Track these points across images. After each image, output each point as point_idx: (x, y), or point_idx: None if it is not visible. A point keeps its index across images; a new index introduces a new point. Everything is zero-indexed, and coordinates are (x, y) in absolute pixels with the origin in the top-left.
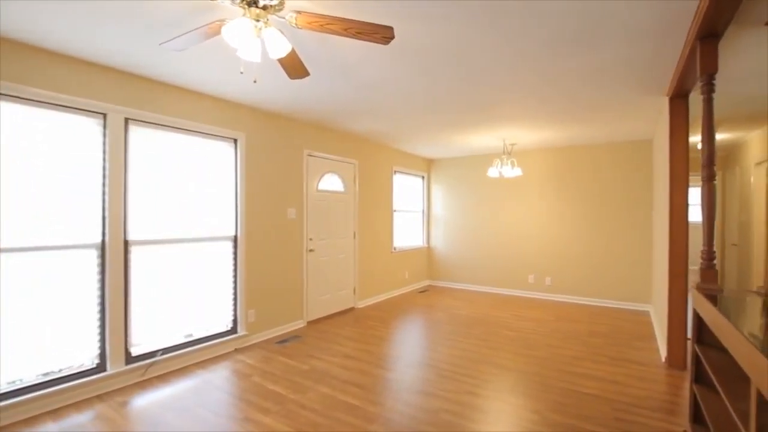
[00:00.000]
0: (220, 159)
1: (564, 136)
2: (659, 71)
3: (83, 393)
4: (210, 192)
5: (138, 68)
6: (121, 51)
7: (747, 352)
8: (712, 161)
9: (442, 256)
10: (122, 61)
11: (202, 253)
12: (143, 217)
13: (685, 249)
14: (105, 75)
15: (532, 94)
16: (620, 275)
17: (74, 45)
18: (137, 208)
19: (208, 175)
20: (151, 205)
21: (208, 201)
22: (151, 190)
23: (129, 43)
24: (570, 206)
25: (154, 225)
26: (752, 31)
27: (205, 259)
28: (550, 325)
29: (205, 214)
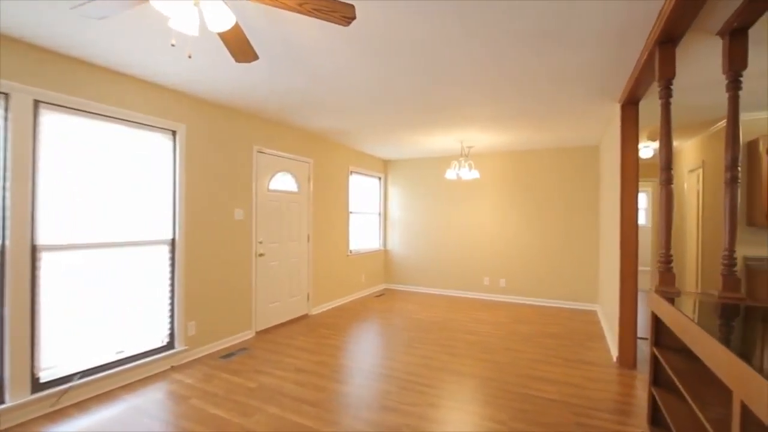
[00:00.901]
0: (155, 153)
1: (519, 140)
2: (616, 76)
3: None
4: (143, 190)
5: (52, 41)
6: (31, 20)
7: (729, 362)
8: (670, 165)
9: (399, 259)
10: (31, 33)
11: (133, 260)
12: (59, 218)
13: (635, 251)
14: (9, 48)
15: (493, 95)
16: (569, 276)
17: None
18: (51, 208)
19: (141, 171)
20: (69, 204)
21: (141, 200)
22: (69, 186)
23: (40, 10)
24: (523, 209)
25: (74, 227)
26: (700, 41)
27: (137, 266)
28: (507, 327)
29: (136, 214)
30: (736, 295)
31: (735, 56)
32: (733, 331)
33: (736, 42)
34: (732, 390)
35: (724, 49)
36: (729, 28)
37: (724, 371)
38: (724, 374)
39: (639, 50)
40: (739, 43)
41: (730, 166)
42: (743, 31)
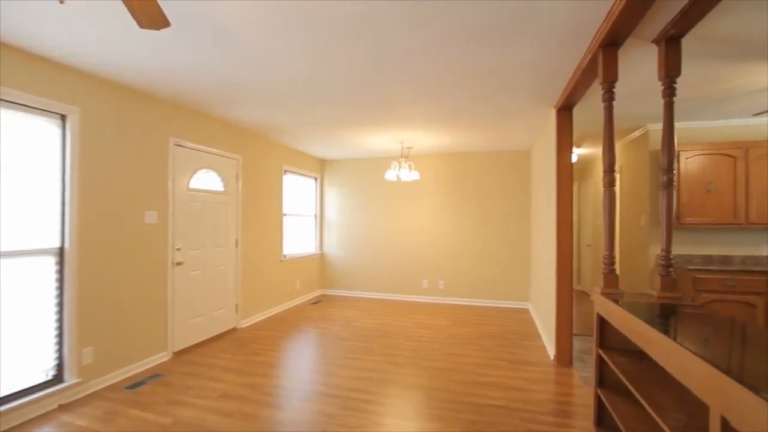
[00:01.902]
0: (36, 141)
1: (458, 142)
2: (557, 79)
3: None
4: (19, 187)
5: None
6: None
7: (707, 376)
8: (613, 168)
9: (337, 263)
10: None
11: (3, 275)
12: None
13: (570, 253)
14: None
15: (439, 93)
16: (503, 276)
17: None
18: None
19: (14, 163)
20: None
21: (15, 200)
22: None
23: None
24: (461, 210)
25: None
26: (635, 48)
27: (9, 283)
28: (447, 330)
29: (8, 218)
30: (674, 294)
31: (670, 64)
32: (704, 341)
33: (671, 50)
34: (708, 404)
35: (660, 57)
36: (665, 36)
37: (698, 384)
38: (698, 387)
39: (582, 52)
40: (673, 51)
41: (667, 170)
42: (677, 39)
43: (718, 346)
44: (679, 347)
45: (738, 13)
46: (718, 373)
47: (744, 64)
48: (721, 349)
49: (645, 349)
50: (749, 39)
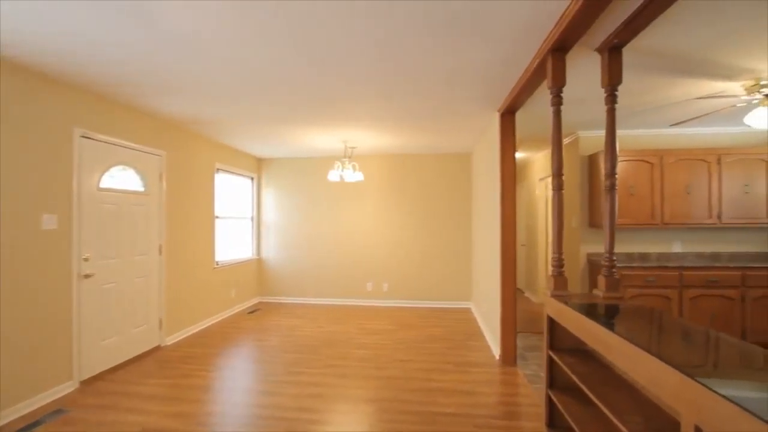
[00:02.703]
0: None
1: (401, 143)
2: (504, 83)
3: None
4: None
5: None
6: None
7: (679, 385)
8: (561, 171)
9: (276, 268)
10: None
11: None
12: None
13: (514, 254)
14: None
15: (384, 91)
16: (445, 277)
17: None
18: None
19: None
20: None
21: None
22: None
23: None
24: (405, 212)
25: None
26: (572, 57)
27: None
28: (394, 335)
29: None
30: (617, 294)
31: (613, 72)
32: (669, 346)
33: (614, 59)
34: (680, 413)
35: (603, 65)
36: (608, 45)
37: (669, 393)
38: (669, 396)
39: (532, 55)
40: (616, 59)
41: (610, 175)
42: (619, 49)
43: (686, 354)
44: (648, 356)
45: (664, 29)
46: (692, 383)
47: (665, 79)
48: (690, 356)
49: (606, 355)
50: (671, 55)
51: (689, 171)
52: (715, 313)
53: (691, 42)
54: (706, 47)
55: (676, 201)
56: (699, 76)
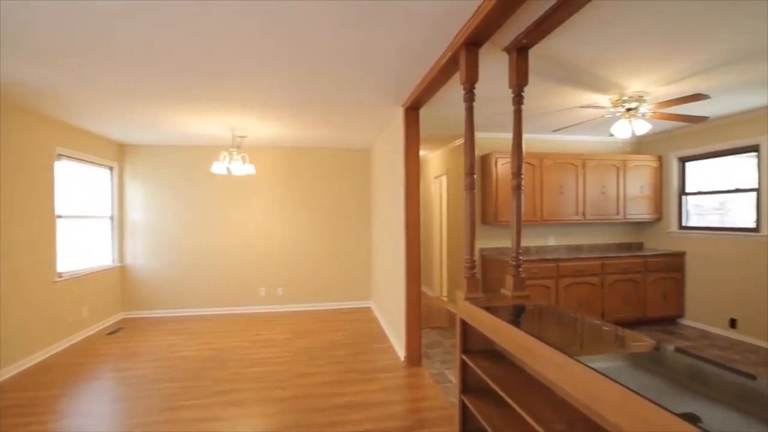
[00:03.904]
0: None
1: (297, 134)
2: (412, 75)
3: None
4: None
5: None
6: None
7: (620, 399)
8: (473, 170)
9: (146, 277)
10: None
11: None
12: None
13: (419, 253)
14: None
15: (281, 76)
16: (345, 276)
17: None
18: None
19: None
20: None
21: None
22: None
23: None
24: (301, 210)
25: None
26: (485, 55)
27: None
28: (293, 345)
29: None
30: (524, 293)
31: (521, 72)
32: (605, 357)
33: (522, 59)
34: (623, 429)
35: (511, 65)
36: (517, 45)
37: (610, 408)
38: (610, 412)
39: (444, 47)
40: (523, 60)
41: (516, 174)
42: (526, 50)
43: (626, 368)
44: (586, 369)
45: (560, 38)
46: (638, 399)
47: (555, 86)
48: (630, 370)
49: (532, 364)
50: (563, 63)
51: (562, 173)
52: (582, 298)
53: (580, 53)
54: (590, 59)
55: (552, 200)
56: (581, 86)
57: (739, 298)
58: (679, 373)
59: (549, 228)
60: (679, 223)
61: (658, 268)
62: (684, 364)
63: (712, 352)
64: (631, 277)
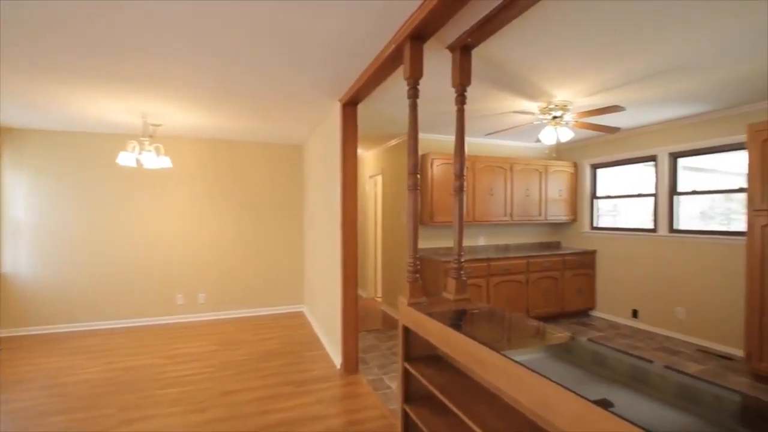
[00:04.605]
0: None
1: (222, 126)
2: (352, 67)
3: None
4: None
5: None
6: None
7: (580, 413)
8: (416, 170)
9: (30, 287)
10: None
11: None
12: None
13: (356, 256)
14: None
15: (207, 55)
16: (275, 280)
17: None
18: None
19: None
20: None
21: None
22: None
23: None
24: (226, 208)
25: None
26: (426, 52)
27: None
28: (217, 357)
29: None
30: (465, 296)
31: (464, 72)
32: (567, 371)
33: (465, 59)
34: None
35: (454, 64)
36: (460, 44)
37: (568, 421)
38: (568, 424)
39: (388, 38)
40: (466, 60)
41: (458, 176)
42: (469, 50)
43: (586, 378)
44: (545, 381)
45: (501, 41)
46: (603, 413)
47: (491, 90)
48: (591, 380)
49: (483, 373)
50: (501, 67)
51: (492, 176)
52: (510, 295)
53: (518, 57)
54: (527, 66)
55: (483, 201)
56: (515, 92)
57: (640, 291)
58: (622, 373)
59: (480, 228)
60: (591, 224)
61: (574, 265)
62: (627, 363)
63: (620, 341)
64: (552, 275)
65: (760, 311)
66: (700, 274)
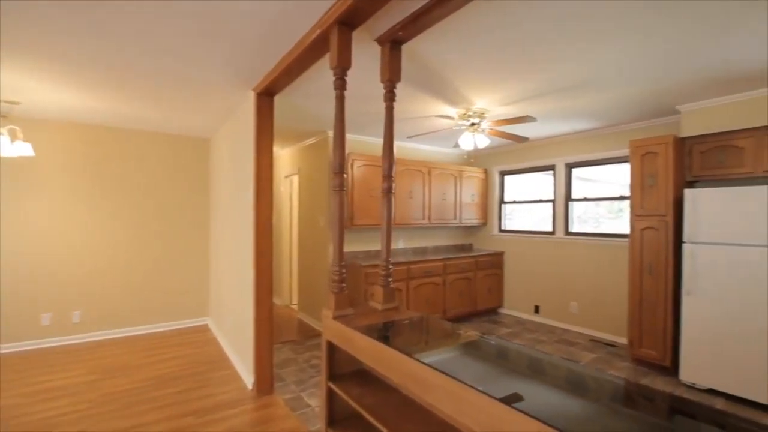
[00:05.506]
0: None
1: (106, 110)
2: (269, 52)
3: None
4: None
5: None
6: None
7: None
8: (343, 169)
9: None
10: None
11: None
12: None
13: (270, 262)
14: None
15: (75, 12)
16: (174, 291)
17: None
18: None
19: None
20: None
21: None
22: None
23: None
24: (110, 208)
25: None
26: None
27: None
28: (96, 389)
29: None
30: (394, 305)
31: (394, 67)
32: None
33: (395, 54)
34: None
35: (383, 59)
36: (390, 38)
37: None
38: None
39: (313, 22)
40: (396, 55)
41: (387, 177)
42: (399, 45)
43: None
44: (493, 401)
45: (430, 39)
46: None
47: (415, 92)
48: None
49: (422, 395)
50: (428, 68)
51: (412, 179)
52: (428, 297)
53: (445, 60)
54: (451, 69)
55: (403, 204)
56: (439, 96)
57: (541, 288)
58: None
59: (400, 231)
60: (499, 227)
61: (486, 266)
62: (564, 368)
63: (527, 336)
64: (466, 275)
65: (640, 304)
66: (591, 272)
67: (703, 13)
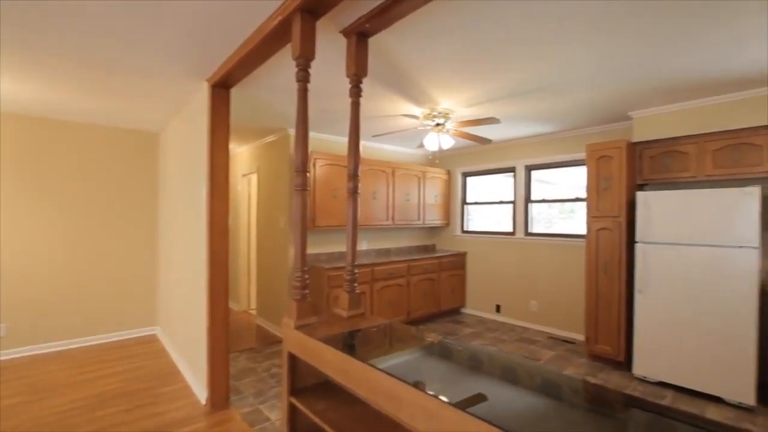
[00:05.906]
0: None
1: (40, 99)
2: (225, 40)
3: None
4: None
5: None
6: None
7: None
8: (306, 167)
9: None
10: None
11: None
12: None
13: (226, 266)
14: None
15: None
16: (117, 297)
17: None
18: None
19: None
20: None
21: None
22: None
23: None
24: (45, 208)
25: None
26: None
27: None
28: (22, 413)
29: None
30: (360, 311)
31: (360, 61)
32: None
33: (361, 47)
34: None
35: (349, 52)
36: (357, 30)
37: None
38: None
39: (274, 8)
40: (363, 48)
41: (353, 177)
42: (366, 38)
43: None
44: (477, 420)
45: (401, 40)
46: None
47: (379, 90)
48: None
49: (396, 412)
50: (393, 65)
51: (375, 180)
52: (392, 299)
53: (411, 59)
54: (417, 68)
55: (367, 205)
56: (404, 95)
57: (502, 287)
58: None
59: (363, 232)
60: (462, 228)
61: (449, 267)
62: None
63: (488, 335)
64: (430, 276)
65: (596, 302)
66: (550, 272)
67: (655, 26)
